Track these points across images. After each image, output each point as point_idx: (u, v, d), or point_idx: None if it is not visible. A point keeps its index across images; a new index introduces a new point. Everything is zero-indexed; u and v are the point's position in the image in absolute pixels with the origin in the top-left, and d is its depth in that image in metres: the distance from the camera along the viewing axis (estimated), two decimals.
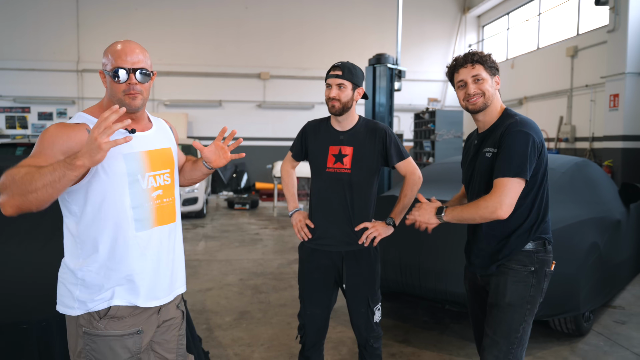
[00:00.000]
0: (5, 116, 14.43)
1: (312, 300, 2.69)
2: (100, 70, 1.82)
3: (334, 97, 2.52)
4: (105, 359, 1.75)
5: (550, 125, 12.43)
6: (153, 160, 1.85)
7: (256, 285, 5.31)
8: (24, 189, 1.48)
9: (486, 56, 2.23)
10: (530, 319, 2.17)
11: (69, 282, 1.77)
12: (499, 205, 2.01)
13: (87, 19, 14.51)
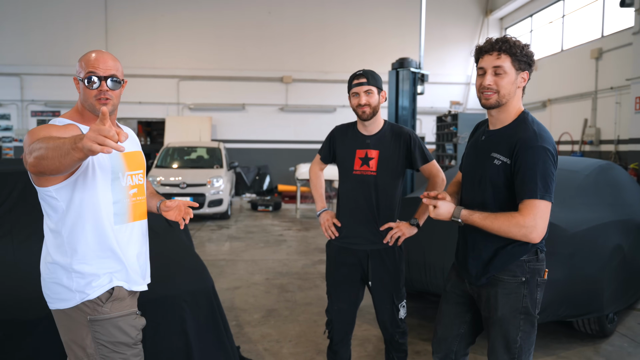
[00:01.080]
0: (37, 120, 14.90)
1: (339, 296, 2.81)
2: (74, 77, 1.92)
3: (365, 103, 2.63)
4: (116, 339, 1.89)
5: (575, 128, 12.33)
6: (129, 161, 2.00)
7: (282, 284, 5.45)
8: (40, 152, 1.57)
9: (518, 46, 2.00)
10: (529, 327, 2.08)
11: (63, 279, 1.87)
12: (533, 230, 1.91)
13: (115, 25, 14.91)
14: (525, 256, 2.06)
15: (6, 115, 14.89)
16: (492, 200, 2.08)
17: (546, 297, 3.39)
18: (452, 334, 2.30)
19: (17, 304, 2.57)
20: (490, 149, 2.08)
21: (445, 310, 2.34)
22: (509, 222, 1.93)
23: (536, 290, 2.08)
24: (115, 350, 1.89)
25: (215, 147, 11.68)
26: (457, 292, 2.30)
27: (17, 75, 14.68)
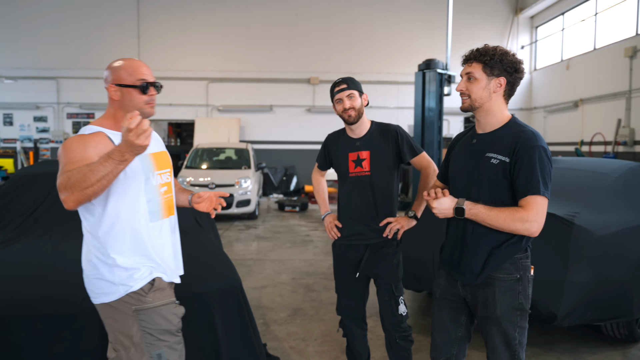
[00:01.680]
0: (72, 121, 15.39)
1: (346, 293, 2.92)
2: (111, 84, 1.98)
3: (349, 107, 2.74)
4: (160, 327, 2.00)
5: (608, 128, 12.06)
6: (157, 161, 2.13)
7: (308, 284, 5.53)
8: (81, 185, 1.71)
9: (488, 53, 2.10)
10: (524, 323, 2.15)
11: (105, 274, 1.98)
12: (535, 224, 1.99)
13: (147, 29, 15.27)
14: (518, 254, 2.13)
15: (43, 118, 15.42)
16: (489, 198, 2.12)
17: (573, 300, 3.39)
18: (451, 339, 2.33)
19: (56, 299, 2.71)
20: (485, 150, 2.15)
21: (440, 316, 2.36)
22: (513, 216, 2.01)
23: (528, 286, 2.15)
24: (160, 337, 2.00)
25: (244, 148, 11.85)
26: (448, 296, 2.32)
27: (54, 79, 15.19)
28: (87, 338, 2.62)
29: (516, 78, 2.14)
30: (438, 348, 2.37)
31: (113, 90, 1.99)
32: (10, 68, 15.03)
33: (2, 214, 3.94)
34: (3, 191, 4.17)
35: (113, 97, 2.00)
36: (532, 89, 16.28)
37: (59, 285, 2.85)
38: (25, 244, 3.56)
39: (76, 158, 1.84)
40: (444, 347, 2.35)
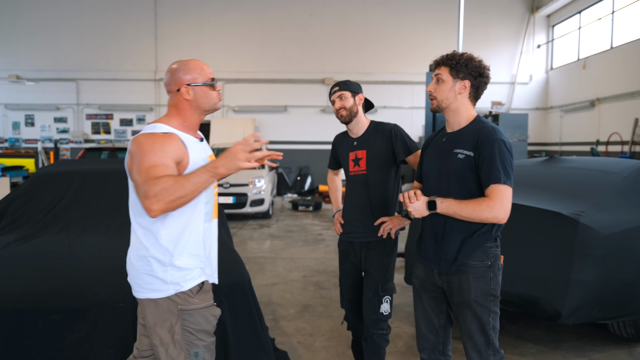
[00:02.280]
0: (91, 122, 15.70)
1: (348, 287, 3.01)
2: (182, 85, 2.03)
3: (340, 107, 2.88)
4: (201, 327, 2.07)
5: (625, 128, 11.92)
6: None
7: (318, 281, 5.61)
8: (176, 195, 1.79)
9: (455, 58, 2.28)
10: (496, 308, 2.28)
11: (158, 271, 2.02)
12: (501, 211, 2.14)
13: (164, 31, 15.51)
14: (488, 242, 2.27)
15: (63, 118, 15.75)
16: (457, 192, 2.26)
17: (578, 298, 3.41)
18: (435, 327, 2.44)
19: (71, 292, 2.83)
20: (453, 147, 2.32)
21: (422, 306, 2.46)
22: (480, 206, 2.16)
23: (498, 274, 2.29)
24: (199, 337, 2.07)
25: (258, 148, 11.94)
26: (427, 286, 2.43)
27: (73, 81, 15.51)
28: (100, 330, 2.73)
29: (480, 82, 2.32)
30: (424, 337, 2.47)
31: (185, 91, 2.05)
32: (32, 70, 15.39)
33: (23, 211, 4.09)
34: (23, 189, 4.33)
35: (185, 97, 2.05)
36: (548, 89, 16.14)
37: (75, 279, 2.98)
38: (43, 240, 3.70)
39: (156, 162, 1.86)
40: (431, 335, 2.45)
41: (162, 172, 1.85)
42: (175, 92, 2.08)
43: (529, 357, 3.65)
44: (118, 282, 2.95)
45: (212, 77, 2.10)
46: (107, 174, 4.54)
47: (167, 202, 1.79)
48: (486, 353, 2.25)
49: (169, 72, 2.09)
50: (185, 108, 2.08)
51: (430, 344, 2.46)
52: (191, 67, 2.08)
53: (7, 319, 2.65)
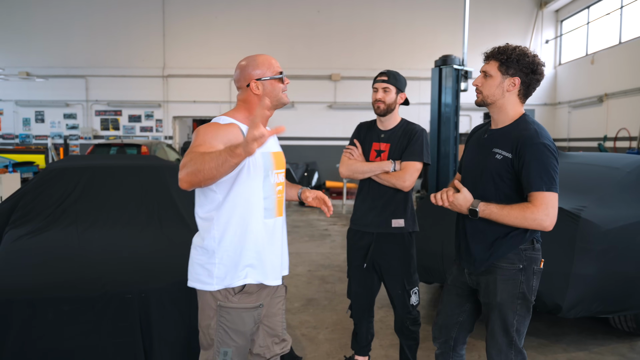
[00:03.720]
0: (100, 119, 15.85)
1: (356, 279, 3.04)
2: (252, 80, 2.09)
3: (380, 98, 2.88)
4: (236, 327, 2.09)
5: (633, 123, 11.85)
6: (276, 160, 2.20)
7: (323, 276, 5.67)
8: (196, 167, 1.77)
9: (506, 52, 2.17)
10: (525, 312, 2.22)
11: (206, 263, 2.06)
12: (546, 219, 2.06)
13: (172, 28, 15.61)
14: (523, 245, 2.19)
15: (73, 115, 15.92)
16: (494, 192, 2.22)
17: (578, 292, 3.44)
18: (452, 322, 2.46)
19: (80, 283, 2.91)
20: (492, 146, 2.24)
21: (447, 300, 2.49)
22: (524, 212, 2.08)
23: (532, 278, 2.22)
24: (232, 337, 2.08)
25: None
26: (457, 284, 2.45)
27: (83, 77, 15.67)
28: (108, 320, 2.80)
29: (532, 79, 2.21)
30: (439, 328, 2.50)
31: (254, 86, 2.10)
32: (42, 67, 15.56)
33: (33, 205, 4.18)
34: (33, 184, 4.42)
35: (255, 92, 2.11)
36: (556, 84, 16.06)
37: (84, 271, 3.06)
38: (53, 233, 3.78)
39: (204, 142, 1.91)
40: (445, 328, 2.48)
41: (200, 150, 1.86)
42: (244, 87, 2.13)
43: (530, 350, 3.69)
44: (125, 274, 3.05)
45: (280, 71, 2.16)
46: (116, 169, 4.62)
47: (189, 172, 1.79)
48: (507, 352, 2.23)
49: (238, 69, 2.14)
50: (254, 102, 2.13)
51: (443, 336, 2.49)
52: (259, 62, 2.13)
53: (19, 309, 2.73)
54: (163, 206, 4.20)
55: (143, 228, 3.90)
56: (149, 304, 2.87)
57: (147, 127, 15.96)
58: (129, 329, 2.82)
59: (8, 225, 4.01)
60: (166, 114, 15.92)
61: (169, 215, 4.11)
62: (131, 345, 2.81)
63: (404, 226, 2.91)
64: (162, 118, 15.93)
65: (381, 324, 4.14)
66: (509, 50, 2.18)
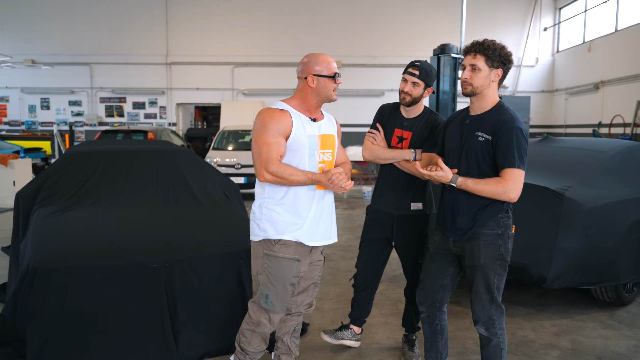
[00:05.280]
0: (105, 106, 16.11)
1: (368, 248, 3.31)
2: (310, 74, 2.50)
3: (407, 91, 3.03)
4: (277, 273, 2.54)
5: (628, 110, 12.12)
6: (323, 142, 2.61)
7: (327, 254, 5.99)
8: (284, 177, 2.41)
9: (492, 48, 2.46)
10: (503, 271, 2.58)
11: (257, 219, 2.57)
12: (514, 192, 2.42)
13: (175, 16, 15.80)
14: (501, 214, 2.54)
15: (78, 102, 16.17)
16: (476, 170, 2.56)
17: (562, 264, 3.76)
18: (437, 286, 2.80)
19: (110, 254, 3.22)
20: (475, 129, 2.56)
21: (431, 267, 2.82)
22: (497, 186, 2.45)
23: (508, 241, 2.57)
24: (272, 282, 2.53)
25: None
26: (441, 251, 2.77)
27: (87, 65, 15.89)
28: (137, 286, 3.12)
29: (508, 68, 2.57)
30: (426, 293, 2.83)
31: (311, 80, 2.49)
32: (47, 55, 15.77)
33: (57, 187, 4.48)
34: (55, 167, 4.72)
35: (310, 84, 2.50)
36: (554, 71, 16.28)
37: (112, 244, 3.37)
38: (78, 212, 4.09)
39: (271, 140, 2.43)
40: (431, 292, 2.81)
41: (277, 150, 2.44)
42: (303, 79, 2.54)
43: (517, 318, 4.02)
44: (150, 246, 3.37)
45: (335, 72, 2.52)
46: (132, 153, 4.92)
47: (277, 180, 2.43)
48: (489, 307, 2.58)
49: (301, 64, 2.55)
50: (308, 93, 2.54)
51: (429, 300, 2.83)
52: (320, 60, 2.52)
53: (57, 277, 3.04)
54: (178, 187, 4.50)
55: (161, 207, 4.20)
56: (173, 273, 3.20)
57: (151, 113, 16.22)
58: (155, 295, 3.15)
59: (35, 205, 4.32)
60: (169, 101, 16.16)
61: (184, 195, 4.41)
62: (158, 309, 3.13)
63: (422, 209, 3.18)
64: (166, 105, 16.19)
65: (381, 295, 4.46)
66: (492, 45, 2.49)
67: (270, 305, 2.55)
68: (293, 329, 2.84)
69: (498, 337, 2.60)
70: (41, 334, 2.95)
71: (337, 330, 3.46)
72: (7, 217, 8.29)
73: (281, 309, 2.59)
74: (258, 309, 2.59)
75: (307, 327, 3.76)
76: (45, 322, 2.97)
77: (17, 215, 4.40)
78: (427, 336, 2.91)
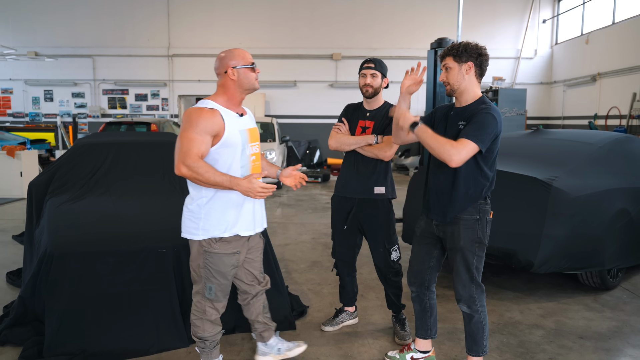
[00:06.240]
0: (108, 97, 16.27)
1: (339, 240, 3.55)
2: (229, 68, 2.58)
3: (369, 83, 3.34)
4: (218, 268, 2.69)
5: (624, 102, 12.27)
6: (251, 135, 2.75)
7: (325, 242, 6.22)
8: (201, 178, 2.43)
9: (456, 46, 2.70)
10: (481, 253, 2.77)
11: (194, 218, 2.63)
12: (456, 156, 2.53)
13: (176, 9, 15.91)
14: (479, 200, 2.75)
15: (81, 94, 16.33)
16: None
17: (548, 250, 3.97)
18: (425, 267, 3.01)
19: (122, 240, 3.44)
20: (458, 119, 2.77)
21: (418, 250, 3.03)
22: (446, 145, 2.58)
23: (486, 226, 2.78)
24: (214, 276, 2.69)
25: (269, 122, 12.50)
26: (426, 234, 2.98)
27: (90, 57, 16.03)
28: (147, 269, 3.33)
29: (482, 60, 2.75)
30: (415, 274, 3.05)
31: (231, 72, 2.60)
32: (50, 47, 15.91)
33: (68, 177, 4.69)
34: (66, 158, 4.92)
35: (231, 77, 2.60)
36: (552, 63, 16.41)
37: (123, 230, 3.59)
38: (90, 201, 4.31)
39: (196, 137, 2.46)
40: (419, 273, 3.03)
41: (199, 147, 2.46)
42: (223, 74, 2.63)
43: (506, 301, 4.24)
44: (159, 232, 3.58)
45: (252, 62, 2.67)
46: (139, 145, 5.13)
47: (192, 175, 2.44)
48: (470, 286, 2.79)
49: (217, 60, 2.64)
50: (231, 87, 2.64)
51: (418, 280, 3.04)
52: (236, 54, 2.67)
53: (73, 261, 3.25)
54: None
55: (168, 196, 4.42)
56: (181, 257, 3.41)
57: (153, 105, 16.39)
58: (165, 278, 3.36)
59: (47, 194, 4.54)
60: (172, 93, 16.33)
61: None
62: (167, 291, 3.35)
63: (385, 193, 3.40)
64: (168, 97, 16.35)
65: (377, 281, 4.67)
66: (456, 45, 2.73)
67: (214, 296, 2.72)
68: (262, 308, 3.03)
69: (479, 313, 2.82)
70: (58, 314, 3.16)
71: (334, 317, 3.71)
72: (15, 207, 8.52)
73: (224, 297, 2.77)
74: (202, 299, 2.74)
75: (306, 310, 3.98)
76: (62, 303, 3.18)
77: (30, 205, 4.62)
78: (417, 314, 3.12)
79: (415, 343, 3.16)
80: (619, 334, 3.62)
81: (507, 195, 4.21)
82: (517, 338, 3.54)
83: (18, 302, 3.36)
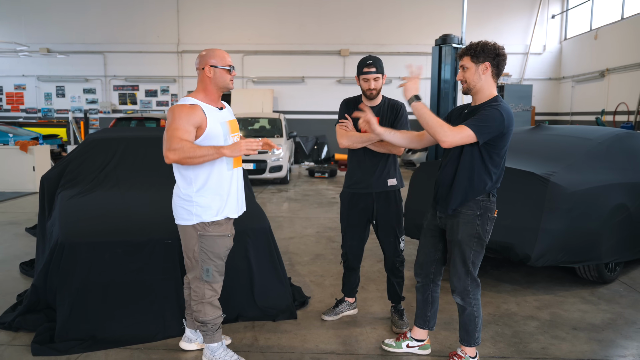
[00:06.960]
0: (119, 93, 16.49)
1: (352, 234, 3.65)
2: (207, 65, 2.73)
3: (374, 88, 3.42)
4: (213, 250, 2.87)
5: (632, 98, 12.23)
6: (231, 127, 2.93)
7: (330, 236, 6.33)
8: (187, 155, 2.56)
9: (474, 46, 2.76)
10: (479, 248, 2.84)
11: (187, 205, 2.80)
12: (450, 138, 2.62)
13: (186, 5, 16.07)
14: (481, 197, 2.81)
15: (92, 90, 16.58)
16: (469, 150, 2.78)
17: (546, 244, 4.05)
18: (430, 259, 3.09)
19: (130, 231, 3.57)
20: (471, 116, 2.82)
21: (424, 242, 3.12)
22: (442, 125, 2.68)
23: (487, 223, 2.83)
24: (211, 257, 2.86)
25: (276, 118, 12.62)
26: (431, 227, 3.07)
27: (101, 53, 16.25)
28: (154, 259, 3.47)
29: (499, 60, 2.80)
30: (420, 266, 3.14)
31: (208, 70, 2.76)
32: (61, 44, 16.16)
33: (78, 171, 4.85)
34: (77, 153, 5.08)
35: (207, 75, 2.77)
36: (561, 59, 16.35)
37: (131, 222, 3.72)
38: (99, 194, 4.45)
39: (180, 126, 2.61)
40: (425, 265, 3.12)
41: (183, 134, 2.60)
42: (201, 70, 2.79)
43: (503, 293, 4.33)
44: (166, 224, 3.69)
45: (230, 65, 2.82)
46: (147, 140, 5.26)
47: (181, 157, 2.56)
48: (465, 279, 2.88)
49: (199, 57, 2.82)
50: (207, 84, 2.81)
51: (424, 272, 3.14)
52: (216, 54, 2.83)
53: (83, 251, 3.39)
54: None
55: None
56: None
57: (163, 101, 16.58)
58: (170, 268, 3.49)
59: (59, 187, 4.69)
60: (181, 89, 16.51)
61: None
62: (173, 281, 3.48)
63: (396, 184, 3.53)
64: (177, 92, 16.53)
65: (378, 273, 4.79)
66: (474, 45, 2.79)
67: (211, 277, 2.89)
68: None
69: (472, 307, 2.91)
70: (69, 302, 3.30)
71: (334, 307, 3.82)
72: (28, 201, 8.72)
73: (220, 278, 2.95)
74: (200, 283, 2.89)
75: (307, 300, 4.10)
76: (72, 291, 3.32)
77: (42, 197, 4.78)
78: (419, 304, 3.22)
79: (412, 331, 3.26)
80: (612, 325, 3.69)
81: (506, 189, 4.25)
82: (511, 329, 3.63)
83: (31, 291, 3.51)
